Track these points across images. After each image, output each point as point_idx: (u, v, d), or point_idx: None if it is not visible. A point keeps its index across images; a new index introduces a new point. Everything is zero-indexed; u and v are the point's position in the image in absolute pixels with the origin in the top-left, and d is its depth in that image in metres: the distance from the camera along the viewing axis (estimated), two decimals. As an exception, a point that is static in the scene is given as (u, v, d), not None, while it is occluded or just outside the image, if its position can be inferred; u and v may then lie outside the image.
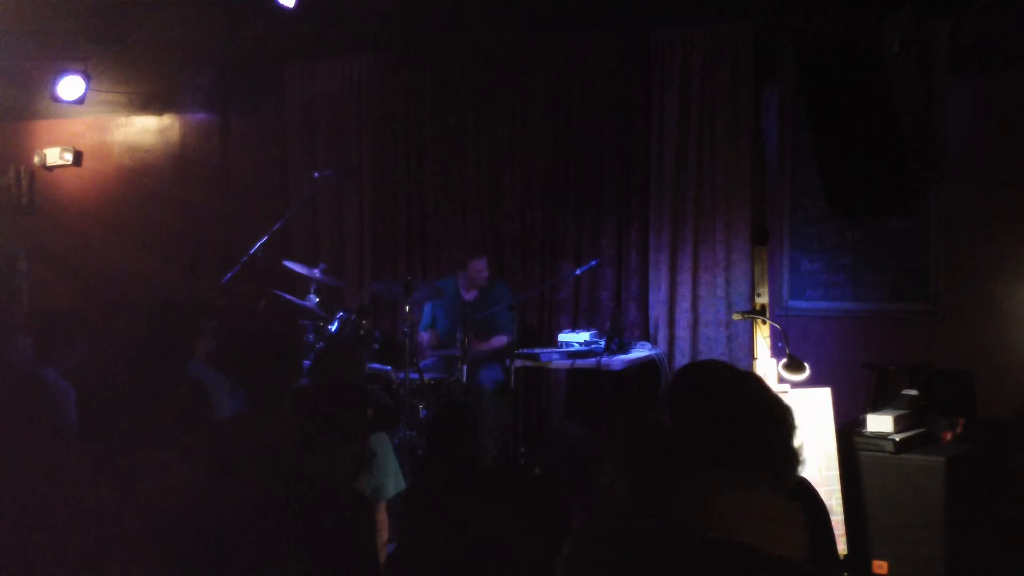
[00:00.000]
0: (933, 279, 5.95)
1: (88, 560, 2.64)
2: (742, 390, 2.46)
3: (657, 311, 6.51)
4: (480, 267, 6.61)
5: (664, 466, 2.60)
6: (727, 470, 2.29)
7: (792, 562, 2.25)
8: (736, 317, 6.07)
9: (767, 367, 5.54)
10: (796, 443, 2.43)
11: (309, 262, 6.71)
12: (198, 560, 2.60)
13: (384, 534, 3.92)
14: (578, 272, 6.47)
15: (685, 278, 6.42)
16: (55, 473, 2.82)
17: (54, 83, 7.46)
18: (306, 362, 6.00)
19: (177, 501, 2.83)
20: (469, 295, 6.68)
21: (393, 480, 4.07)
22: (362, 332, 6.13)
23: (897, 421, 5.07)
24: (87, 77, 7.48)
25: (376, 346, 6.27)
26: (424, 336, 6.74)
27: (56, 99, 7.52)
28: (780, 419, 2.42)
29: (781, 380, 5.25)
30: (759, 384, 2.52)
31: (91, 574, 2.63)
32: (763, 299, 6.11)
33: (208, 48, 7.51)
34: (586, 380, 6.30)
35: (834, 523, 4.22)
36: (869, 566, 4.92)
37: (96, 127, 8.54)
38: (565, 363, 6.10)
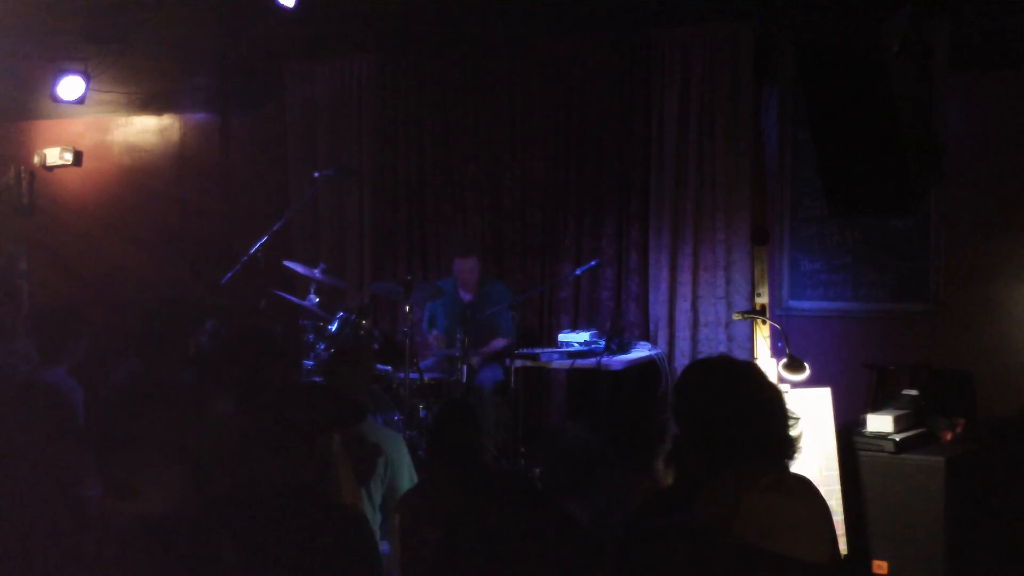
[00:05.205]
0: (933, 279, 5.95)
1: (86, 560, 2.64)
2: (742, 385, 2.46)
3: (657, 311, 6.51)
4: (466, 267, 6.59)
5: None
6: (745, 468, 2.27)
7: (821, 565, 2.22)
8: (736, 317, 6.07)
9: (767, 367, 5.53)
10: (794, 433, 2.44)
11: (309, 262, 6.71)
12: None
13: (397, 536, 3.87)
14: (578, 272, 6.47)
15: (685, 278, 6.42)
16: (57, 474, 2.82)
17: (54, 83, 7.46)
18: (307, 362, 6.05)
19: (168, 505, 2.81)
20: (467, 296, 6.68)
21: (408, 480, 4.05)
22: (362, 332, 6.13)
23: (897, 421, 5.06)
24: (87, 77, 7.48)
25: (376, 346, 6.27)
26: (429, 334, 6.75)
27: (56, 99, 7.52)
28: (780, 411, 2.43)
29: (781, 380, 5.25)
30: (759, 377, 2.52)
31: (87, 574, 2.63)
32: (763, 299, 6.11)
33: (208, 48, 7.51)
34: (586, 380, 6.30)
35: (834, 523, 4.22)
36: (869, 566, 4.92)
37: (96, 127, 8.54)
38: (565, 363, 6.10)
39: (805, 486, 2.40)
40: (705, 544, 2.18)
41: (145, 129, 8.42)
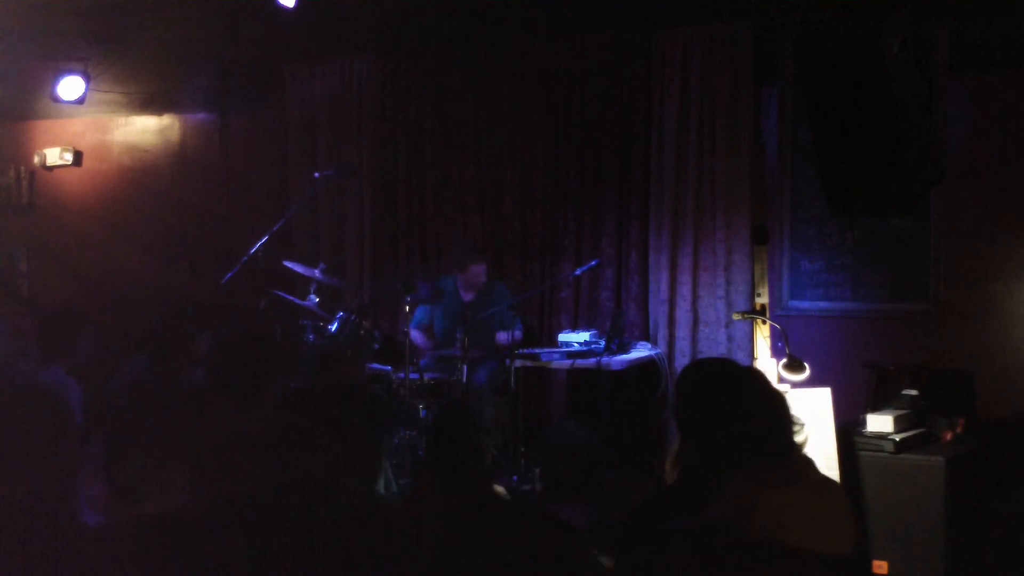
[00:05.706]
0: (933, 279, 5.95)
1: (86, 560, 2.64)
2: (743, 385, 2.46)
3: (657, 311, 6.51)
4: (479, 271, 6.62)
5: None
6: (756, 466, 2.27)
7: (842, 557, 2.22)
8: (736, 317, 6.07)
9: (767, 367, 5.53)
10: (799, 438, 2.44)
11: (309, 262, 6.71)
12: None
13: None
14: (578, 272, 6.47)
15: (685, 278, 6.42)
16: (54, 474, 2.81)
17: (54, 83, 7.46)
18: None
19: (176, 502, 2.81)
20: (467, 295, 6.68)
21: (385, 487, 4.04)
22: (362, 332, 6.13)
23: (897, 421, 5.06)
24: (87, 77, 7.48)
25: (376, 346, 6.27)
26: (416, 335, 6.71)
27: (56, 99, 7.52)
28: (782, 411, 2.43)
29: (781, 380, 5.25)
30: (759, 378, 2.52)
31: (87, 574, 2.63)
32: (763, 299, 6.11)
33: (208, 48, 7.50)
34: (586, 380, 6.30)
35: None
36: (869, 566, 4.92)
37: (96, 127, 8.55)
38: (565, 363, 6.10)
39: (823, 478, 2.39)
40: (723, 543, 2.18)
41: (145, 129, 8.42)
